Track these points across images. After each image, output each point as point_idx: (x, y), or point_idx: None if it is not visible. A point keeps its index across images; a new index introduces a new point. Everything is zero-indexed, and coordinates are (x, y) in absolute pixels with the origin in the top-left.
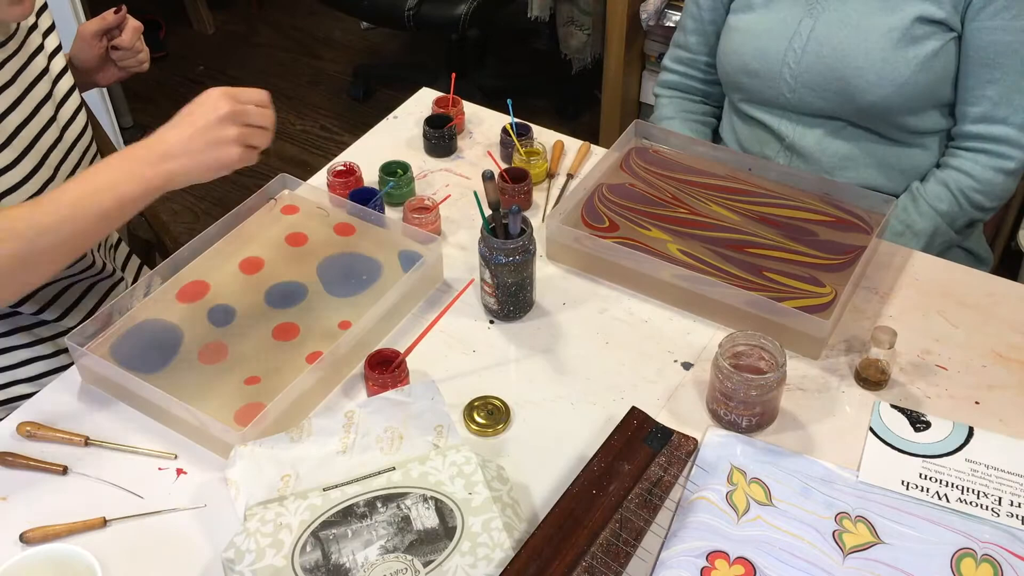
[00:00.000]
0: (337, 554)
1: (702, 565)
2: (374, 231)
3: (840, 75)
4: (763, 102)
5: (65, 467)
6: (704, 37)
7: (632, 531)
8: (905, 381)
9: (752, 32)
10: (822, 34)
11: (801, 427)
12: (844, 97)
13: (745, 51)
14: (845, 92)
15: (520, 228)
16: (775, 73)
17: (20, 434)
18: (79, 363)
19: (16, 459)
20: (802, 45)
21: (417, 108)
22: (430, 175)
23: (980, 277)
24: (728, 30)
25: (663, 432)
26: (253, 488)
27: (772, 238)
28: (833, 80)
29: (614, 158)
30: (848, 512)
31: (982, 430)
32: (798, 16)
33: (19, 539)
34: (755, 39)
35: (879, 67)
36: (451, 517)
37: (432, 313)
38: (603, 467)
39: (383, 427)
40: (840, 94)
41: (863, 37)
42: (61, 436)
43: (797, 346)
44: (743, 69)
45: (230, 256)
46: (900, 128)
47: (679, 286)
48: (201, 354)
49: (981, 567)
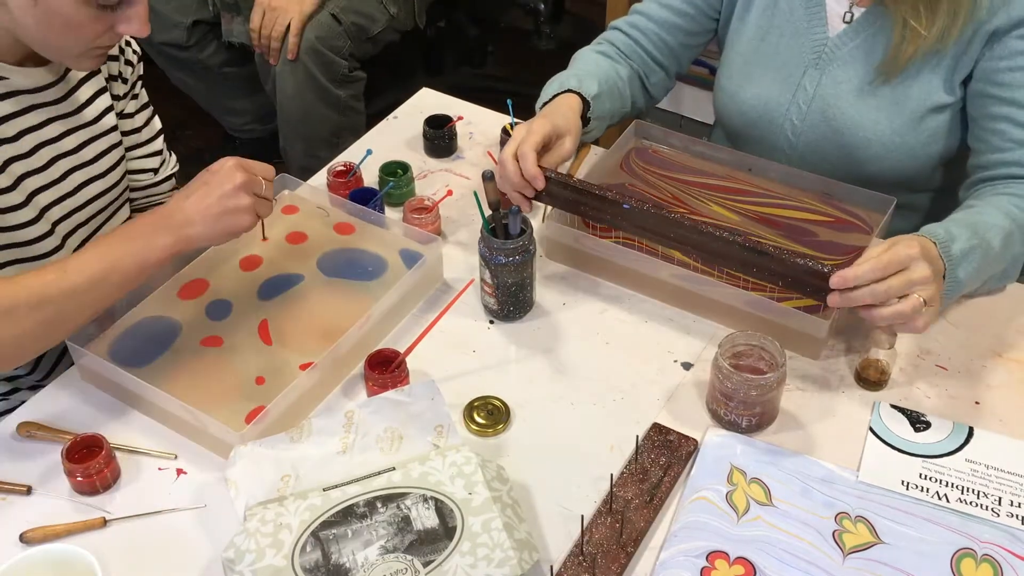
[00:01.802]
0: (337, 554)
1: (702, 565)
2: (374, 231)
3: (847, 142)
4: (759, 151)
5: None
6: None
7: (632, 531)
8: (905, 381)
9: (751, 76)
10: (830, 93)
11: (801, 427)
12: (851, 165)
13: (744, 97)
14: (851, 160)
15: (520, 228)
16: (776, 127)
17: (20, 434)
18: (79, 363)
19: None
20: (808, 101)
21: (417, 108)
22: (430, 175)
23: None
24: (725, 62)
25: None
26: (253, 488)
27: (772, 238)
28: (838, 147)
29: (614, 158)
30: (848, 512)
31: (982, 430)
32: (803, 65)
33: (19, 539)
34: (755, 84)
35: (888, 139)
36: (451, 517)
37: (432, 313)
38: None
39: (383, 427)
40: (847, 162)
41: (873, 107)
42: (61, 436)
43: (797, 346)
44: (741, 116)
45: (230, 255)
46: (898, 189)
47: (679, 286)
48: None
49: (981, 567)
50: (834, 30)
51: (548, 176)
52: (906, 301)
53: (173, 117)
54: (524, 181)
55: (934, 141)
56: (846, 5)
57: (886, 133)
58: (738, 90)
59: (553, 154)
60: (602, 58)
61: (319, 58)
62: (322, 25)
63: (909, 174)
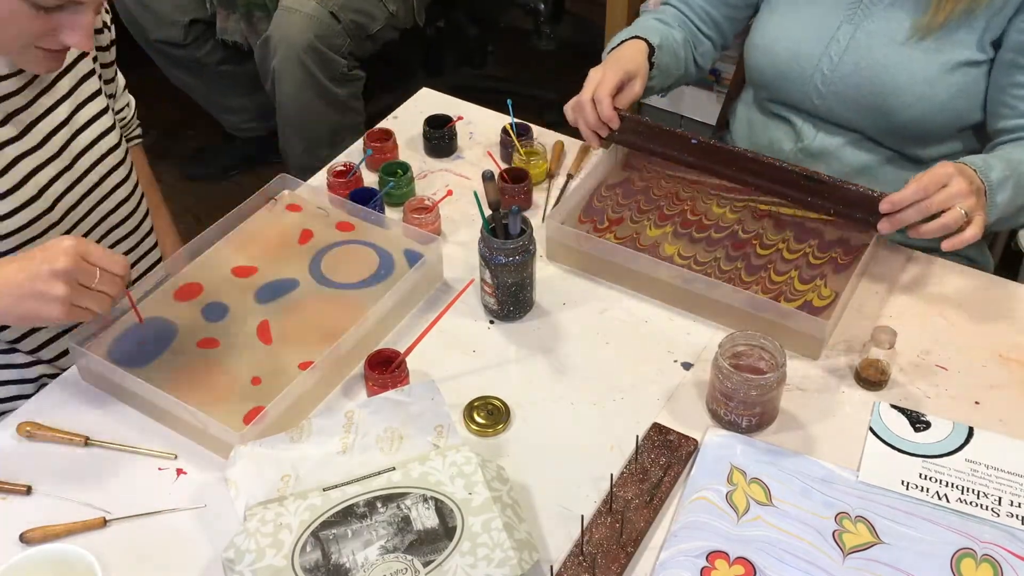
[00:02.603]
0: (337, 554)
1: (702, 565)
2: (374, 231)
3: (878, 90)
4: (787, 103)
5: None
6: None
7: (632, 531)
8: (905, 381)
9: (786, 31)
10: (863, 44)
11: (801, 427)
12: (878, 113)
13: (777, 50)
14: (880, 109)
15: (520, 228)
16: (806, 78)
17: (20, 434)
18: (79, 363)
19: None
20: (840, 53)
21: (417, 108)
22: (430, 175)
23: (980, 278)
24: (760, 22)
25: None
26: (253, 488)
27: (773, 237)
28: (869, 94)
29: (614, 158)
30: (848, 512)
31: (982, 430)
32: (837, 20)
33: (19, 539)
34: (788, 39)
35: (920, 88)
36: (451, 517)
37: (432, 313)
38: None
39: (383, 427)
40: (874, 110)
41: (907, 56)
42: (61, 436)
43: (797, 346)
44: (772, 68)
45: (229, 257)
46: (922, 148)
47: (679, 286)
48: (199, 345)
49: (981, 567)
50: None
51: (622, 116)
52: (948, 214)
53: (173, 116)
54: (600, 123)
55: (961, 95)
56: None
57: (917, 82)
58: (772, 43)
59: (624, 96)
60: (659, 23)
61: (318, 56)
62: (321, 23)
63: (933, 127)
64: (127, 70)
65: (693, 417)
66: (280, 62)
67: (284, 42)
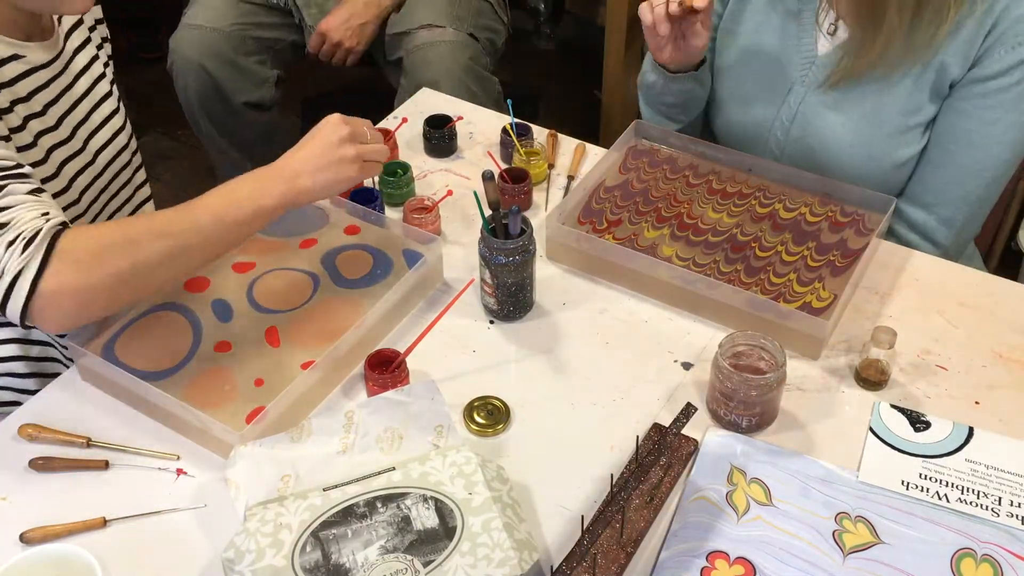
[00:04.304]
0: (337, 554)
1: (702, 565)
2: (375, 231)
3: (821, 164)
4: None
5: (107, 461)
6: None
7: (632, 531)
8: (905, 381)
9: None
10: (811, 112)
11: (801, 427)
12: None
13: (733, 119)
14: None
15: (520, 228)
16: (762, 140)
17: (22, 436)
18: (79, 363)
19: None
20: (790, 118)
21: (417, 108)
22: (430, 175)
23: (980, 277)
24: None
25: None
26: (253, 488)
27: (771, 240)
28: (813, 165)
29: (614, 158)
30: (848, 512)
31: (982, 430)
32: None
33: (19, 539)
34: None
35: (860, 164)
36: (451, 517)
37: (432, 313)
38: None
39: (383, 427)
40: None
41: (853, 129)
42: (63, 438)
43: (797, 346)
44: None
45: (230, 256)
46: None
47: (679, 286)
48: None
49: (981, 567)
50: (823, 48)
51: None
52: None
53: (173, 115)
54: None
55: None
56: (832, 17)
57: (862, 158)
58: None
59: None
60: None
61: (475, 76)
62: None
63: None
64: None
65: (693, 417)
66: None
67: (442, 69)
